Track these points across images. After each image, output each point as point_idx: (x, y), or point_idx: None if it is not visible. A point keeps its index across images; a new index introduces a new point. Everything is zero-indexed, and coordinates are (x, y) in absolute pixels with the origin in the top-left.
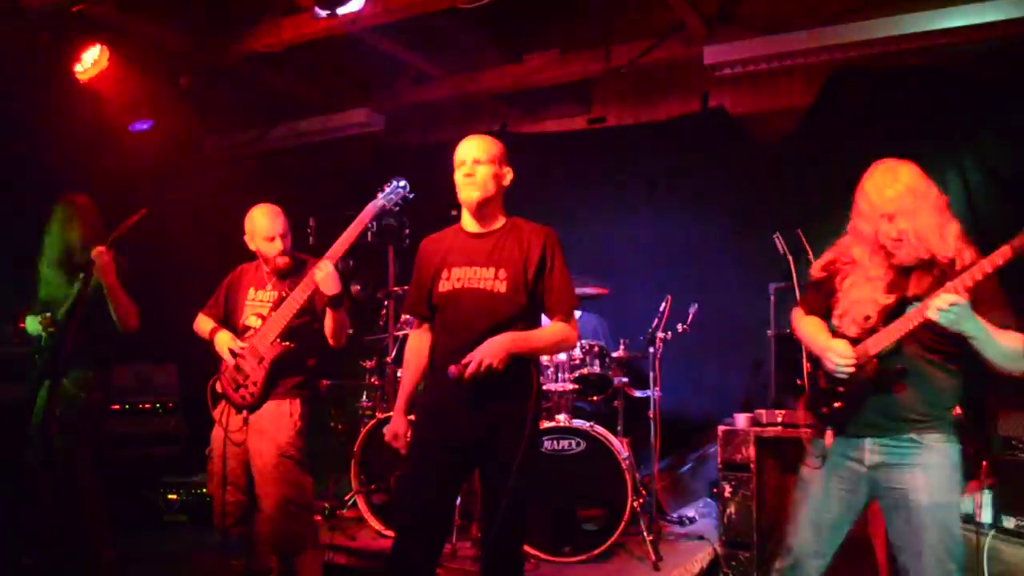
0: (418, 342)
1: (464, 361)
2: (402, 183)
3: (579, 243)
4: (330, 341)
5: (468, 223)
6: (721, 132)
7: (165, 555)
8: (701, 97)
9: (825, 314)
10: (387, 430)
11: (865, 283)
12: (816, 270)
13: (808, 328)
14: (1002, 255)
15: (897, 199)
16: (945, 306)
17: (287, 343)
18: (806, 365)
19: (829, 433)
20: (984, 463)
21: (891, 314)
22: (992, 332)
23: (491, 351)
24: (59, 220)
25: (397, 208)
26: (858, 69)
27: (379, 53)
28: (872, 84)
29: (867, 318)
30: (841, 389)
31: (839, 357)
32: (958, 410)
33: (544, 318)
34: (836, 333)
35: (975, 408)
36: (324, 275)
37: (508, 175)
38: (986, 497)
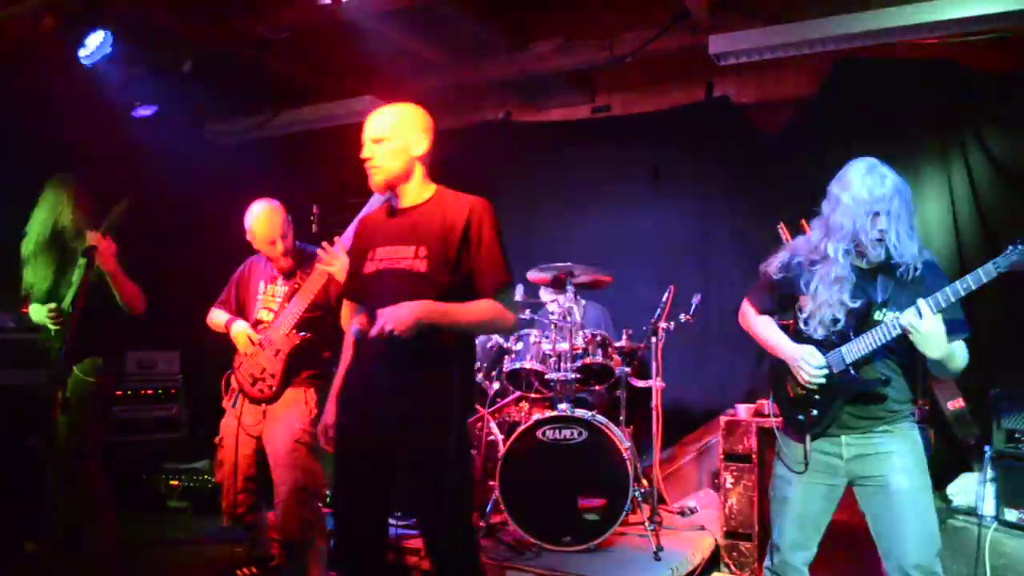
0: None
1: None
2: None
3: (582, 232)
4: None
5: (394, 200)
6: (725, 121)
7: (167, 541)
8: (705, 86)
9: (777, 312)
10: (320, 423)
11: (832, 284)
12: (775, 270)
13: (767, 330)
14: (986, 274)
15: (887, 200)
16: (921, 327)
17: (303, 334)
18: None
19: (808, 441)
20: (986, 455)
21: (860, 319)
22: (953, 351)
23: (397, 316)
24: (48, 202)
25: None
26: (862, 59)
27: (383, 40)
28: (876, 74)
29: (835, 321)
30: (817, 397)
31: (811, 368)
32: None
33: None
34: (803, 335)
35: (978, 401)
36: (341, 265)
37: (421, 143)
38: (989, 490)
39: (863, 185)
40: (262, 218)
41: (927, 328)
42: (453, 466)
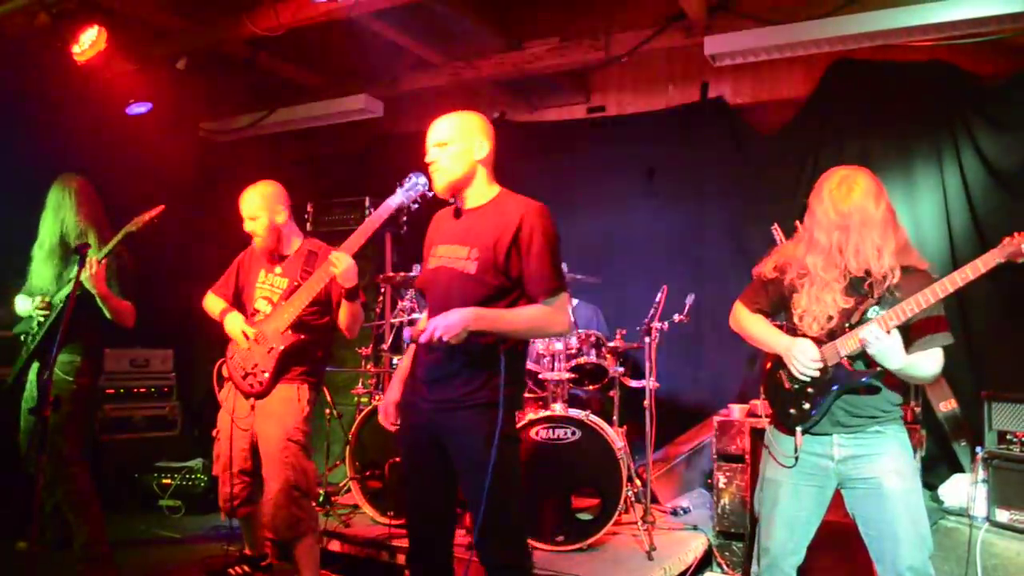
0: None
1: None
2: (422, 179)
3: (577, 232)
4: (344, 332)
5: (458, 201)
6: (720, 122)
7: (158, 540)
8: (701, 87)
9: (771, 312)
10: (383, 400)
11: (824, 286)
12: (768, 270)
13: (759, 326)
14: (942, 290)
15: (848, 214)
16: (872, 340)
17: (299, 335)
18: (766, 363)
19: (799, 434)
20: (977, 457)
21: (854, 316)
22: (913, 361)
23: (447, 322)
24: (53, 204)
25: (416, 205)
26: (857, 60)
27: (378, 39)
28: (871, 75)
29: (830, 318)
30: (810, 390)
31: (807, 359)
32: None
33: None
34: (796, 332)
35: (969, 402)
36: (343, 268)
37: (482, 148)
38: (980, 491)
39: (830, 200)
40: (244, 195)
41: (880, 344)
42: (495, 453)
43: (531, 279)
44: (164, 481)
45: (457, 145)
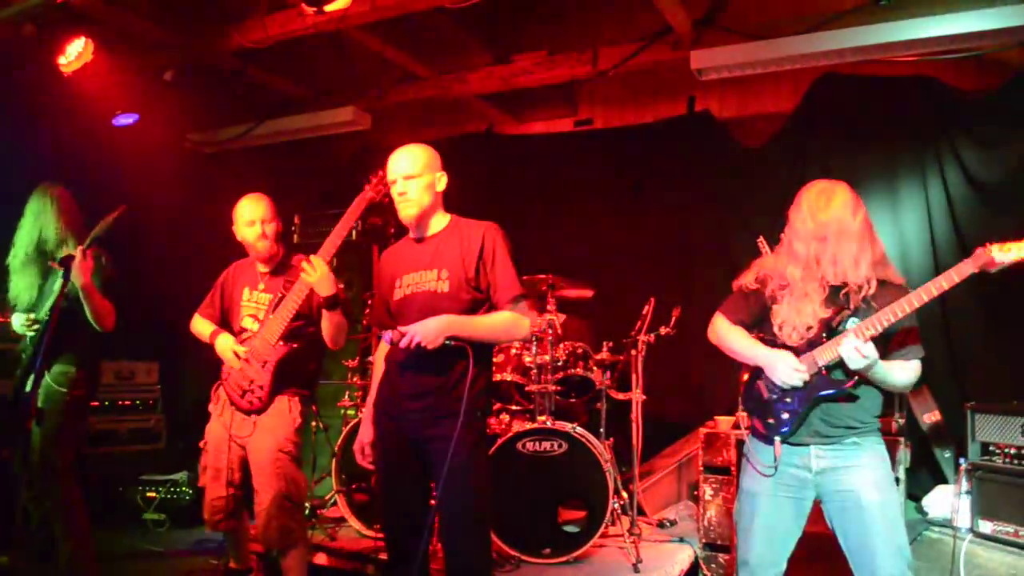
0: (385, 352)
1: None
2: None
3: (564, 245)
4: (329, 344)
5: (414, 230)
6: (706, 135)
7: (143, 553)
8: (687, 100)
9: (751, 324)
10: (356, 442)
11: (803, 296)
12: (749, 281)
13: (738, 338)
14: (917, 300)
15: (826, 224)
16: (852, 352)
17: (290, 344)
18: (743, 375)
19: (778, 443)
20: (961, 468)
21: (832, 327)
22: (889, 369)
23: (425, 329)
24: (33, 212)
25: (387, 200)
26: (842, 75)
27: (367, 51)
28: (855, 90)
29: (809, 328)
30: (788, 400)
31: (790, 369)
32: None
33: None
34: (776, 342)
35: (953, 413)
36: (318, 277)
37: (443, 179)
38: (964, 502)
39: (808, 210)
40: (249, 196)
41: (858, 357)
42: (471, 458)
43: (497, 288)
44: (149, 494)
45: (425, 177)
